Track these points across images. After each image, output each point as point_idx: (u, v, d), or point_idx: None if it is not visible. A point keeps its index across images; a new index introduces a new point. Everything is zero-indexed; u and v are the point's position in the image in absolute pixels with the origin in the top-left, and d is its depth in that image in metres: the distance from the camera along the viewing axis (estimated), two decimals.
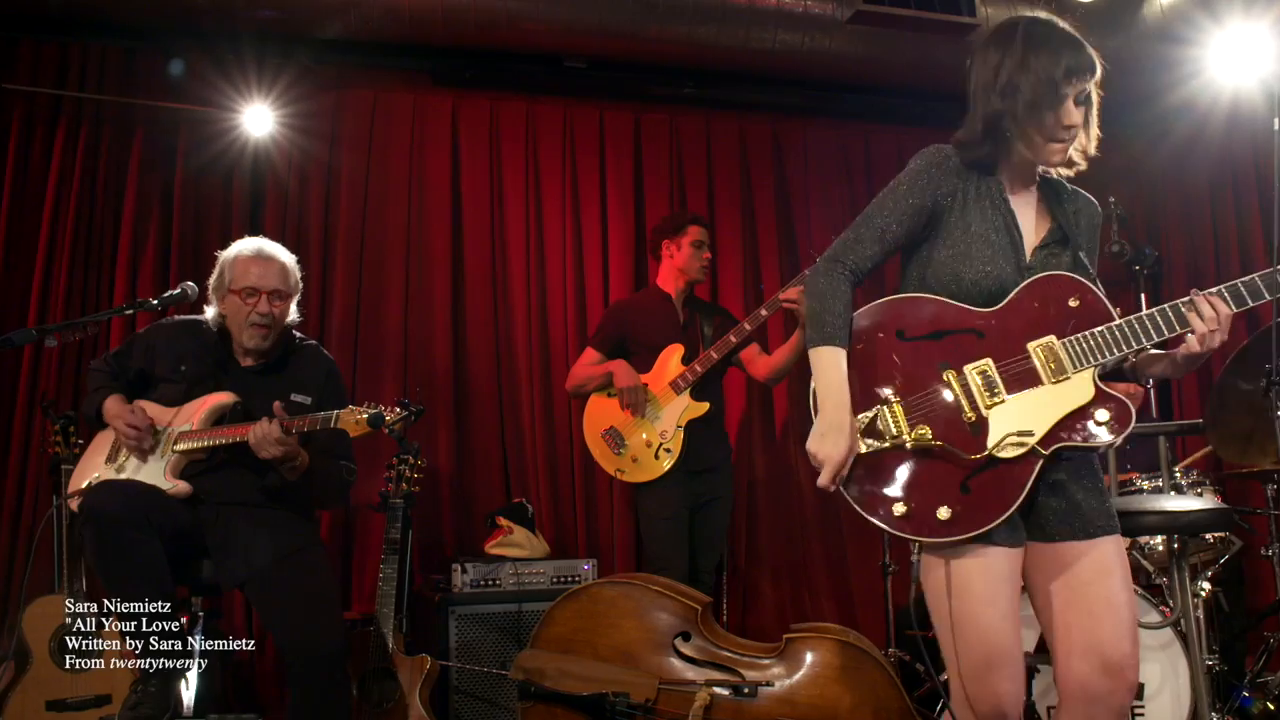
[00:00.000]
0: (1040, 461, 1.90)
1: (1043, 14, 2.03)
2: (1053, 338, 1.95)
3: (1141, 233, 5.26)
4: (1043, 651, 3.50)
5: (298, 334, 3.22)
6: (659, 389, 3.99)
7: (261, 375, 3.08)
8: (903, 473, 1.95)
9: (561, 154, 4.94)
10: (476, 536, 4.36)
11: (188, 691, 2.83)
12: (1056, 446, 1.90)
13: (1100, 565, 1.97)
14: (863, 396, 2.00)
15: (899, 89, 5.18)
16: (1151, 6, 4.77)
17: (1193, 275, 5.17)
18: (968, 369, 1.97)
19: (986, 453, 1.91)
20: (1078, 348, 1.93)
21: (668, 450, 3.93)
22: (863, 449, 1.97)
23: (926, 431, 1.95)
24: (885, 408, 1.98)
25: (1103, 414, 1.90)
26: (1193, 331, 1.91)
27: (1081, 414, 1.91)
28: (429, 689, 3.32)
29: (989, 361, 1.97)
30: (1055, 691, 3.38)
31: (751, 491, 4.91)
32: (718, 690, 3.07)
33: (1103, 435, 1.90)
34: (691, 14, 4.53)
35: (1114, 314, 1.96)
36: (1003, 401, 1.94)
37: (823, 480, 1.97)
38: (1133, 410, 1.90)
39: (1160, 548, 3.48)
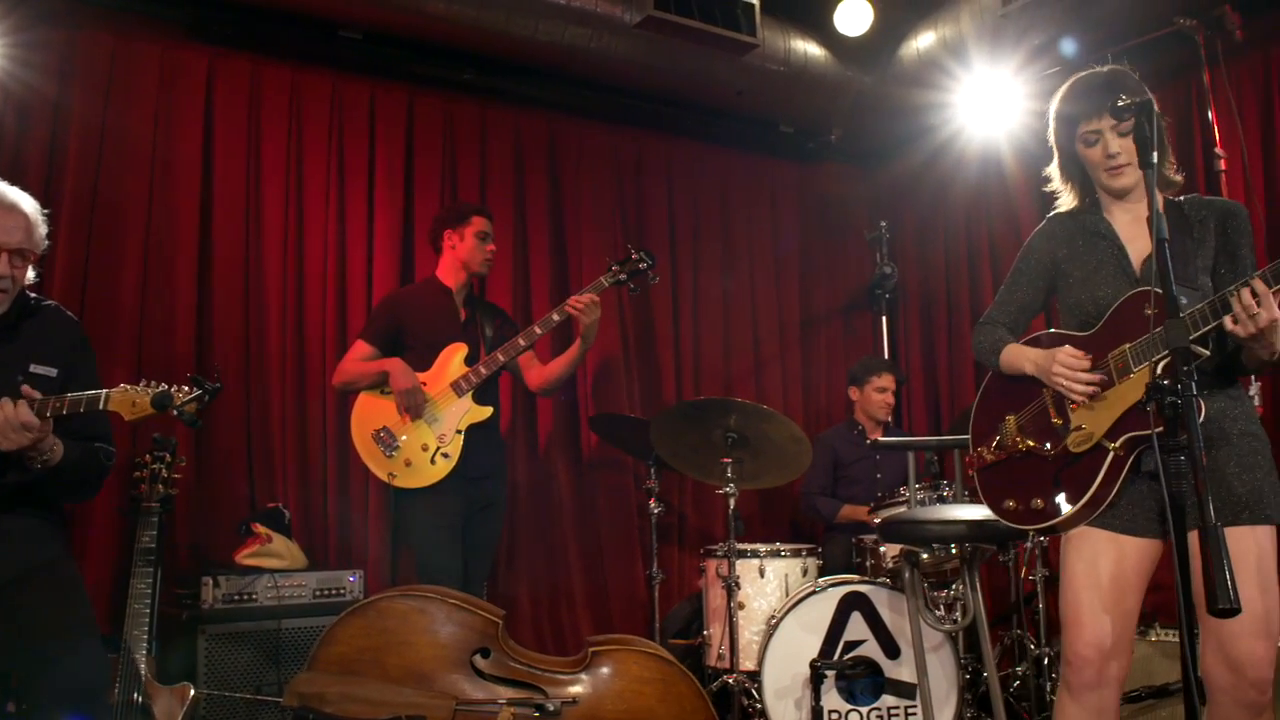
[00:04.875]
0: (1110, 454, 2.16)
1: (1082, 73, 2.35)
2: (1127, 345, 2.19)
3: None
4: (826, 658, 3.63)
5: (32, 294, 2.69)
6: (438, 390, 3.75)
7: None
8: (1014, 474, 2.35)
9: (328, 130, 4.52)
10: (221, 545, 3.89)
11: None
12: (1125, 437, 2.15)
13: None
14: (997, 419, 2.41)
15: (676, 100, 5.23)
16: (908, 48, 5.10)
17: (925, 302, 5.54)
18: None
19: (1058, 450, 2.25)
20: (1139, 349, 2.16)
21: (445, 455, 3.70)
22: (989, 458, 2.40)
23: (1028, 439, 2.32)
24: (1003, 424, 2.39)
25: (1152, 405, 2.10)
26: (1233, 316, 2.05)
27: (1140, 406, 2.11)
28: None
29: None
30: (839, 694, 3.56)
31: (512, 501, 4.73)
32: (520, 709, 2.91)
33: (1151, 424, 2.04)
34: None
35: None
36: (1083, 405, 2.24)
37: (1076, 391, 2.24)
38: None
39: (925, 556, 3.65)
